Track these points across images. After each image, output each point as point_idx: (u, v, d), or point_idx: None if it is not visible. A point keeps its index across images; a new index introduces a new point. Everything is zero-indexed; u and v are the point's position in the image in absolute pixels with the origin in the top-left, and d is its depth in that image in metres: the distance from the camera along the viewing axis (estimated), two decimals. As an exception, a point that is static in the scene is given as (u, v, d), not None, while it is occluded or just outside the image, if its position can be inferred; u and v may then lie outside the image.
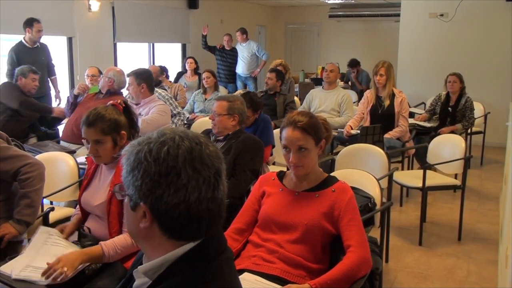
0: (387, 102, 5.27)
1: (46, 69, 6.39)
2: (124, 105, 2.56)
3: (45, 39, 6.58)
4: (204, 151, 1.18)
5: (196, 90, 6.98)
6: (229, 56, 9.26)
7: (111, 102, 2.57)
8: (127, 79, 4.52)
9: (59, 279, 2.06)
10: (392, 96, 5.28)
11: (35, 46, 6.33)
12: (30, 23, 6.20)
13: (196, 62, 8.03)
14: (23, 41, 6.27)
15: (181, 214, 1.15)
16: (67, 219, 2.98)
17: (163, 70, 7.33)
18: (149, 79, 4.53)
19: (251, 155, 3.29)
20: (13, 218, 2.60)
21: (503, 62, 8.07)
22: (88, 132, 2.42)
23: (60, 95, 6.76)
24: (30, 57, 6.18)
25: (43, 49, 6.48)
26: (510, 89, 7.91)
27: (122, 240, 2.28)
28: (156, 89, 5.39)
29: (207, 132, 3.55)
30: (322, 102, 5.85)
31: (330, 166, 4.07)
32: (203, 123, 5.27)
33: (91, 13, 7.77)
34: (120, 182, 1.25)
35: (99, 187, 2.51)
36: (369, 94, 5.45)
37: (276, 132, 4.26)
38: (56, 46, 7.52)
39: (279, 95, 6.09)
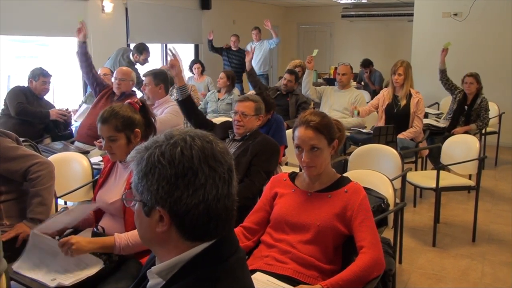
0: (403, 102, 5.25)
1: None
2: (141, 104, 2.58)
3: (58, 40, 6.64)
4: (216, 149, 1.19)
5: (204, 90, 7.04)
6: (235, 57, 9.27)
7: (128, 101, 2.59)
8: (144, 79, 4.52)
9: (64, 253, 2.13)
10: (409, 96, 5.26)
11: None
12: (140, 51, 6.68)
13: (202, 66, 8.15)
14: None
15: (201, 213, 1.15)
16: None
17: None
18: (166, 80, 4.57)
19: (267, 156, 3.30)
20: (26, 217, 2.62)
21: (518, 61, 8.00)
22: (102, 128, 2.45)
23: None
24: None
25: None
26: (525, 89, 7.84)
27: (135, 234, 2.27)
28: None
29: (230, 126, 3.54)
30: (335, 101, 5.82)
31: (343, 166, 4.06)
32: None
33: (105, 14, 7.81)
34: None
35: (114, 185, 2.53)
36: (385, 92, 5.44)
37: (288, 132, 4.26)
38: (70, 48, 7.59)
39: (291, 95, 6.09)
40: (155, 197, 1.15)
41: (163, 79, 4.49)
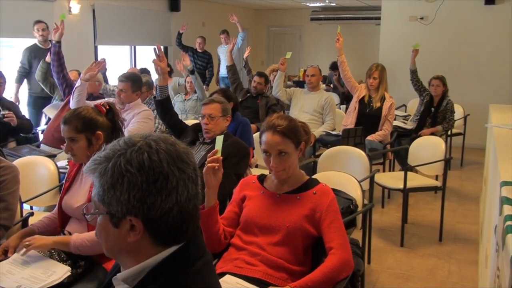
0: (377, 104, 5.33)
1: None
2: (107, 107, 2.55)
3: (25, 42, 6.52)
4: (180, 150, 1.18)
5: (173, 92, 6.98)
6: (200, 58, 9.24)
7: (95, 103, 2.57)
8: (119, 84, 4.36)
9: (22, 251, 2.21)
10: (383, 99, 5.35)
11: (48, 47, 6.28)
12: (33, 24, 6.31)
13: (169, 66, 8.02)
14: (37, 42, 6.38)
15: (175, 216, 1.14)
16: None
17: (147, 73, 7.26)
18: (142, 86, 4.50)
19: (237, 159, 3.29)
20: None
21: (482, 64, 8.20)
22: (64, 129, 2.44)
23: (12, 105, 6.64)
24: (41, 58, 6.21)
25: None
26: (489, 91, 8.04)
27: (91, 235, 2.27)
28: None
29: (200, 129, 3.52)
30: (304, 103, 5.84)
31: (312, 168, 4.09)
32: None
33: (72, 16, 7.70)
34: None
35: (79, 189, 2.50)
36: (363, 86, 5.51)
37: (257, 135, 4.27)
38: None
39: (261, 97, 6.10)
40: (126, 206, 1.12)
41: (140, 86, 4.44)
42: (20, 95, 6.46)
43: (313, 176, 2.56)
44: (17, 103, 5.76)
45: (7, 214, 2.57)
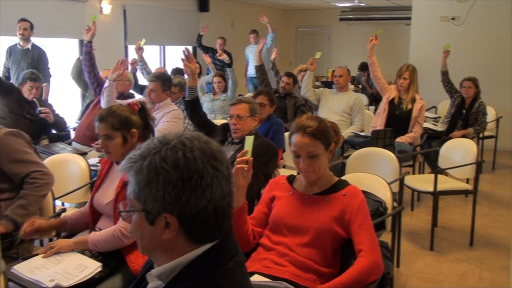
0: (408, 106, 5.24)
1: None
2: (140, 106, 2.59)
3: (57, 42, 6.62)
4: (213, 148, 1.19)
5: (200, 91, 7.01)
6: (219, 60, 9.22)
7: (127, 101, 2.61)
8: (149, 84, 4.44)
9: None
10: (413, 101, 5.26)
11: (26, 47, 6.22)
12: (17, 22, 6.14)
13: (199, 63, 8.04)
14: (18, 41, 6.27)
15: (210, 213, 1.15)
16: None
17: (181, 73, 7.29)
18: (171, 85, 4.56)
19: (265, 159, 3.29)
20: (5, 214, 2.60)
21: (515, 66, 8.02)
22: (99, 127, 2.47)
23: (47, 103, 6.69)
24: (16, 58, 6.20)
25: (34, 52, 6.24)
26: (522, 93, 7.86)
27: (107, 231, 2.33)
28: None
29: (229, 128, 3.54)
30: (333, 103, 5.80)
31: (341, 169, 4.06)
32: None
33: (103, 16, 7.82)
34: None
35: (109, 187, 2.54)
36: (393, 87, 5.42)
37: (286, 135, 4.26)
38: (67, 49, 7.59)
39: (290, 98, 6.09)
40: (161, 204, 1.13)
41: (170, 85, 4.51)
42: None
43: (342, 178, 2.54)
44: None
45: (23, 212, 2.61)
